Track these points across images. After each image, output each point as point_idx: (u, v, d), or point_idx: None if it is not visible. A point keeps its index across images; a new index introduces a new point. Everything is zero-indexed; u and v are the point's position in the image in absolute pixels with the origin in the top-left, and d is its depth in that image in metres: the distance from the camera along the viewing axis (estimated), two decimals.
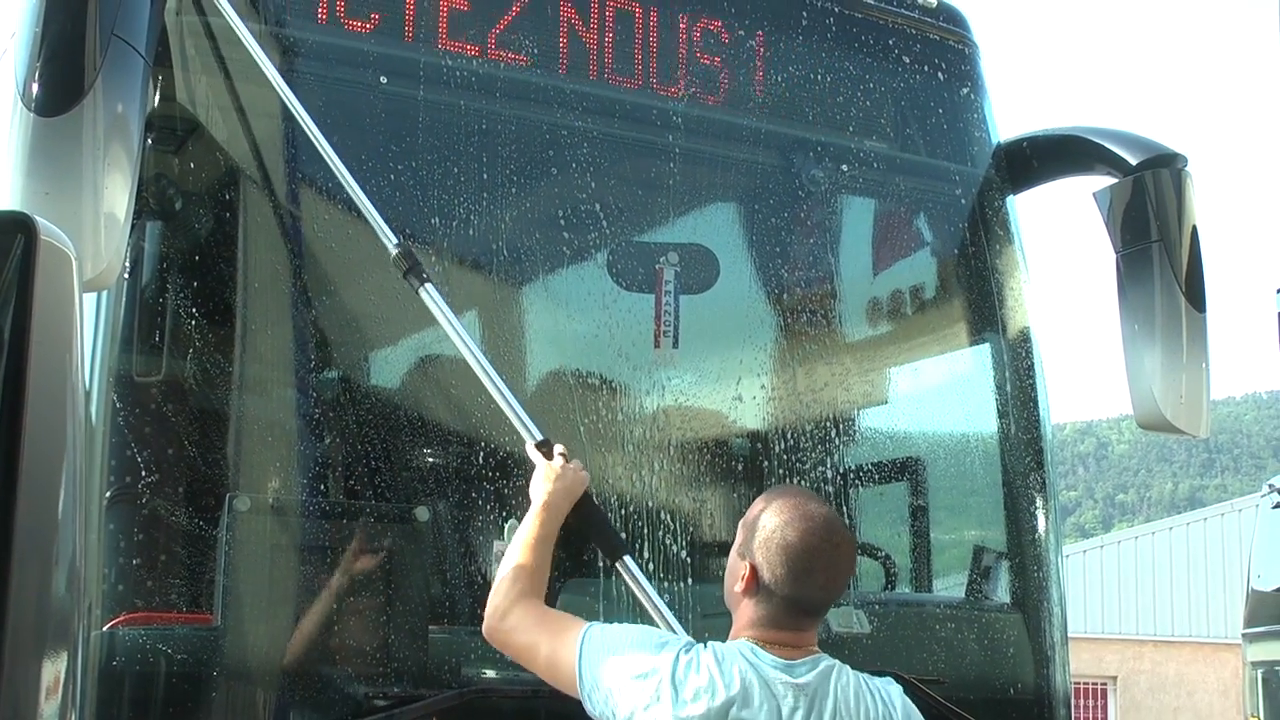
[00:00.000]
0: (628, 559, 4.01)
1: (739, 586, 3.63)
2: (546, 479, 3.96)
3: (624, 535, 4.45)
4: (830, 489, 5.03)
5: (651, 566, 4.55)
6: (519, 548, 3.87)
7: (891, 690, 3.70)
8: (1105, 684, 30.88)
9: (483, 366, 4.11)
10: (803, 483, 4.93)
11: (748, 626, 3.62)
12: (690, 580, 4.68)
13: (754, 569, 3.59)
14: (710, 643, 3.59)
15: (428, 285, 4.11)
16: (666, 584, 4.56)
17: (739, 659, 3.53)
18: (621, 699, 3.51)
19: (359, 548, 4.24)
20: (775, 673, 3.53)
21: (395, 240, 4.15)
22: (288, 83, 4.30)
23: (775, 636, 3.59)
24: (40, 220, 2.30)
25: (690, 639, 3.62)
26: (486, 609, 3.82)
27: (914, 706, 3.75)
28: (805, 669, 3.57)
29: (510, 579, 3.82)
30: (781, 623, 3.60)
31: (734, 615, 3.68)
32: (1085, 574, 30.98)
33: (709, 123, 5.04)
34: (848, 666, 3.65)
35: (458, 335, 4.10)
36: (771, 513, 3.64)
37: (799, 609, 3.62)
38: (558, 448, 4.05)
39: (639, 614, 4.02)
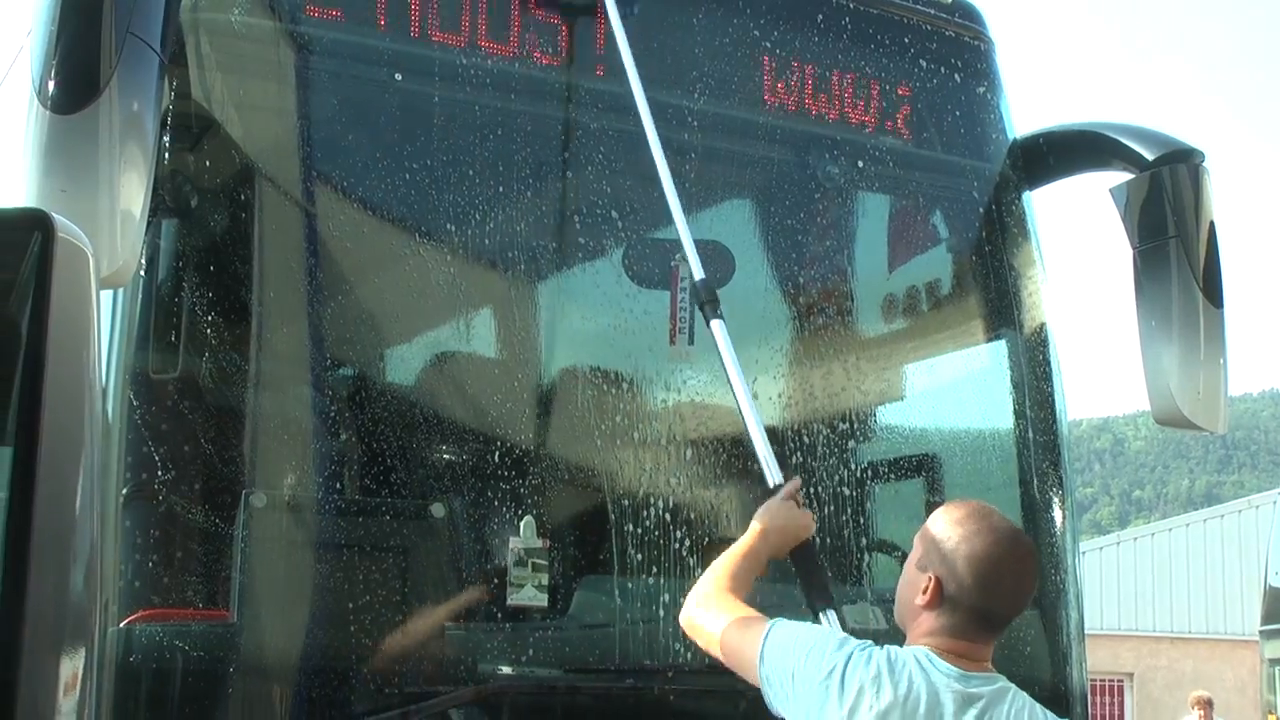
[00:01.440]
0: (830, 612, 3.98)
1: (920, 600, 3.56)
2: (775, 513, 4.03)
3: (640, 531, 4.45)
4: (846, 485, 5.02)
5: (663, 558, 4.55)
6: (729, 556, 3.93)
7: None
8: (1122, 680, 30.83)
9: (750, 408, 4.21)
10: (819, 478, 4.93)
11: (926, 635, 3.56)
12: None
13: (938, 580, 3.54)
14: (887, 646, 3.55)
15: (718, 321, 4.22)
16: (679, 578, 4.55)
17: (912, 663, 3.48)
18: (796, 692, 3.51)
19: (375, 544, 4.25)
20: (948, 681, 3.47)
21: (700, 274, 4.25)
22: (303, 80, 4.31)
23: (954, 646, 3.53)
24: (57, 217, 2.30)
25: (869, 641, 3.57)
26: (687, 600, 3.86)
27: None
28: (979, 683, 3.51)
29: (713, 576, 3.88)
30: (963, 633, 3.54)
31: (909, 628, 3.62)
32: (1102, 570, 30.93)
33: (725, 120, 5.03)
34: (1024, 693, 3.59)
35: (734, 371, 4.21)
36: (954, 524, 3.59)
37: (983, 620, 3.57)
38: (793, 485, 4.11)
39: None
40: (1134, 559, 33.17)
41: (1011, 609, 3.65)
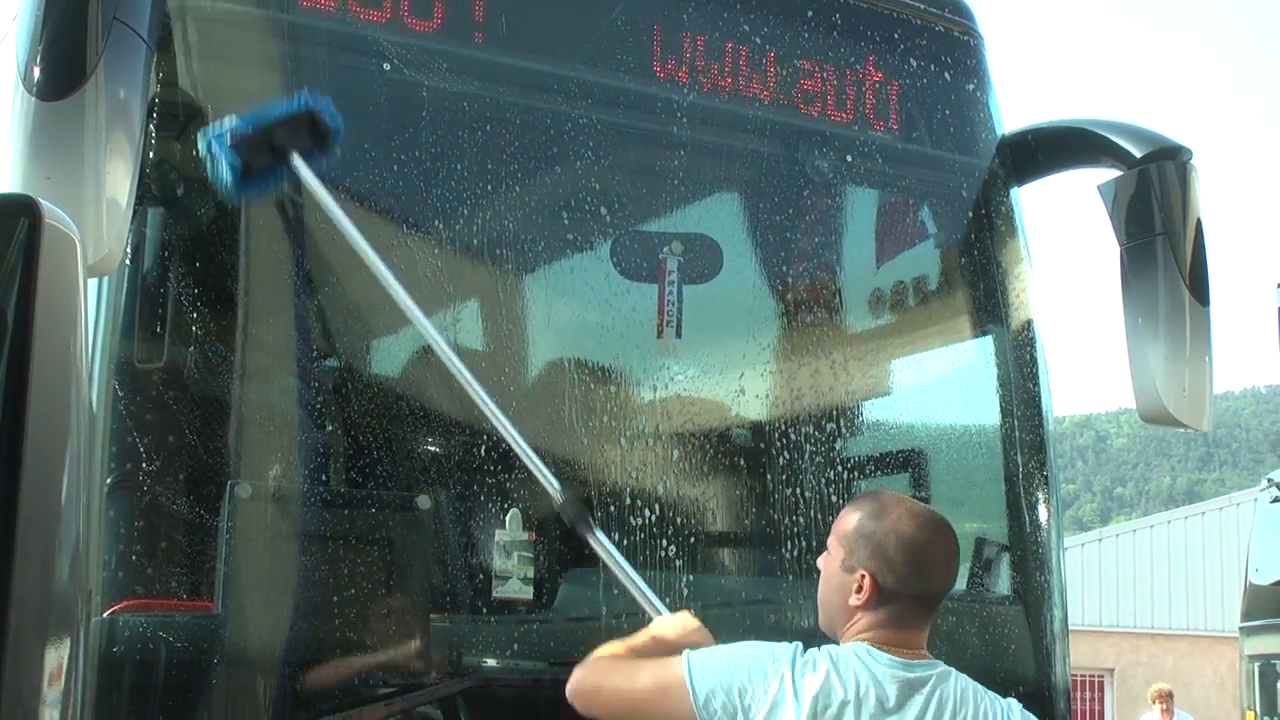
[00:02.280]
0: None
1: (856, 599, 3.53)
2: (681, 626, 3.82)
3: (626, 524, 4.45)
4: (832, 480, 5.02)
5: (650, 556, 4.54)
6: (621, 644, 3.75)
7: (1014, 706, 3.64)
8: (1102, 676, 30.92)
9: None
10: (804, 473, 4.93)
11: (863, 632, 3.54)
12: (690, 571, 4.67)
13: (872, 577, 3.51)
14: (825, 647, 3.53)
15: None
16: (664, 575, 4.54)
17: (854, 660, 3.47)
18: (748, 709, 3.42)
19: (360, 536, 4.23)
20: (892, 671, 3.47)
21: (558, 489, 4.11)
22: (292, 68, 4.29)
23: (893, 638, 3.52)
24: (44, 203, 2.29)
25: (800, 643, 3.53)
26: (573, 682, 3.65)
27: None
28: (922, 668, 3.51)
29: (603, 656, 3.71)
30: (901, 623, 3.53)
31: (842, 630, 3.58)
32: (1083, 567, 31.00)
33: (712, 113, 5.02)
34: (963, 675, 3.60)
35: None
36: (872, 518, 3.57)
37: (922, 605, 3.56)
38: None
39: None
40: (1115, 555, 33.24)
41: (944, 586, 3.66)
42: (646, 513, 4.60)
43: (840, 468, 5.11)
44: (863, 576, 3.53)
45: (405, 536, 4.31)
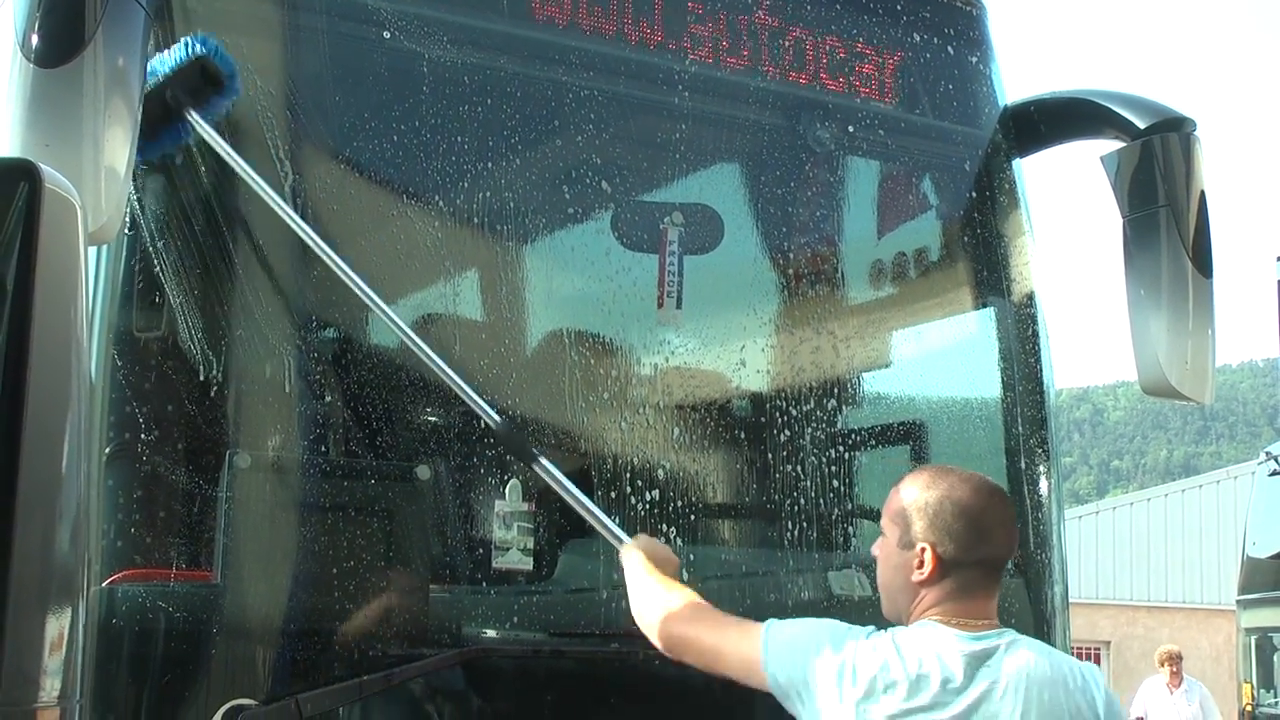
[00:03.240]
0: None
1: (919, 575, 3.50)
2: (651, 552, 3.97)
3: (627, 494, 4.44)
4: (832, 452, 5.01)
5: (650, 525, 4.53)
6: (647, 579, 3.87)
7: (1091, 670, 3.59)
8: (1099, 649, 31.00)
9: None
10: (805, 445, 4.92)
11: (930, 609, 3.51)
12: (689, 541, 4.66)
13: (931, 548, 3.48)
14: (892, 629, 3.51)
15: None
16: (666, 544, 4.53)
17: (918, 638, 3.44)
18: (810, 688, 3.43)
19: (359, 506, 4.22)
20: (959, 645, 3.43)
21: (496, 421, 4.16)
22: (291, 36, 4.27)
23: (960, 610, 3.48)
24: (44, 167, 2.26)
25: (874, 627, 3.52)
26: (656, 634, 3.78)
27: (1115, 697, 3.62)
28: (991, 638, 3.47)
29: (664, 602, 3.80)
30: (967, 593, 3.49)
31: (907, 611, 3.56)
32: (1080, 540, 31.06)
33: (714, 82, 4.99)
34: (1033, 639, 3.57)
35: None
36: (925, 489, 3.55)
37: (985, 572, 3.53)
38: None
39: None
40: (1112, 528, 33.33)
41: (1006, 552, 3.64)
42: (645, 484, 4.59)
43: (840, 440, 5.10)
44: (923, 550, 3.49)
45: (405, 507, 4.30)
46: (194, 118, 4.10)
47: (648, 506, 4.58)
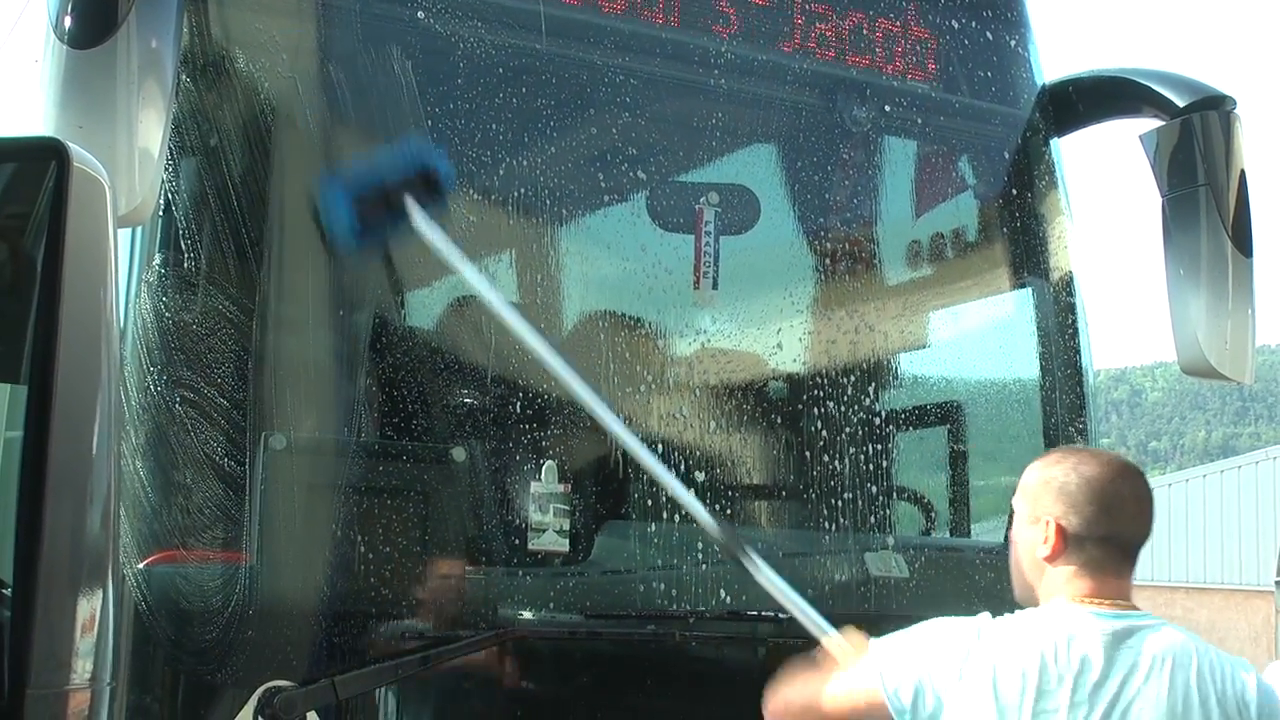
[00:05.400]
0: None
1: (1044, 551, 3.39)
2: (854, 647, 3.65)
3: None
4: (870, 432, 4.98)
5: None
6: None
7: (1241, 664, 3.42)
8: None
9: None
10: (842, 425, 4.90)
11: (1060, 587, 3.40)
12: (730, 520, 4.65)
13: (1057, 523, 3.37)
14: (1019, 612, 3.43)
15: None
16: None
17: (1047, 619, 3.34)
18: (934, 691, 3.31)
19: (394, 488, 4.22)
20: (1094, 623, 3.31)
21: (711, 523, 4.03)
22: (324, 17, 4.26)
23: (1090, 589, 3.37)
24: (74, 147, 2.25)
25: (987, 614, 3.41)
26: (768, 704, 3.61)
27: (1273, 691, 3.42)
28: (1130, 618, 3.36)
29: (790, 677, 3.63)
30: (1097, 571, 3.37)
31: (1037, 590, 3.45)
32: None
33: (751, 62, 4.97)
34: (1180, 627, 3.44)
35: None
36: (1051, 465, 3.46)
37: (1114, 549, 3.40)
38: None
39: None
40: None
41: (1138, 531, 3.47)
42: (685, 461, 4.57)
43: (877, 421, 5.07)
44: (1047, 524, 3.40)
45: (440, 489, 4.30)
46: (411, 208, 4.03)
47: (688, 486, 4.55)
